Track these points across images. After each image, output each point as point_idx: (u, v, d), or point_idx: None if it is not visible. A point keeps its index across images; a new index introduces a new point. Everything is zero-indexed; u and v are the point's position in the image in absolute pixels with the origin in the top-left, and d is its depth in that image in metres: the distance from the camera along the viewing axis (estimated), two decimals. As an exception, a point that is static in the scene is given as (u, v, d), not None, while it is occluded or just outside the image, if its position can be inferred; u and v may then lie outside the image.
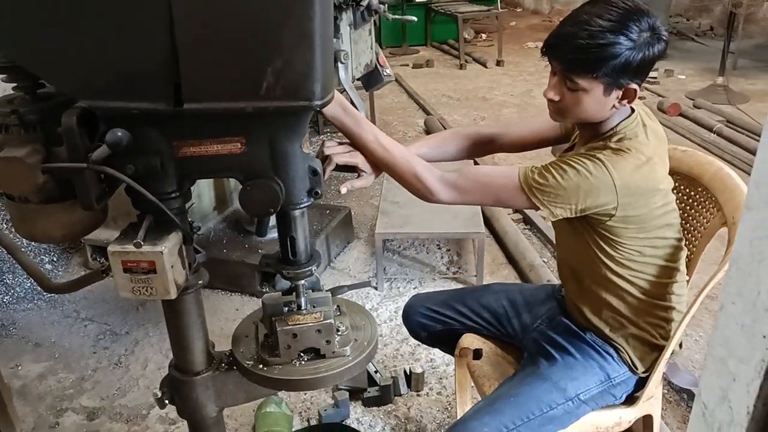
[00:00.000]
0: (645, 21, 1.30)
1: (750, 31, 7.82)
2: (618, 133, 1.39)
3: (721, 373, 0.52)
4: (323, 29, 1.15)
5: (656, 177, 1.40)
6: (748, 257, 0.49)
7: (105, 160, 1.20)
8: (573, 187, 1.33)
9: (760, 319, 0.48)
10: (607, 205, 1.34)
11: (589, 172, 1.32)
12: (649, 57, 1.31)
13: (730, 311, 0.51)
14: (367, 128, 1.41)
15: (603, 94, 1.34)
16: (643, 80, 1.37)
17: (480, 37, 9.14)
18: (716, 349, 0.53)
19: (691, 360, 2.48)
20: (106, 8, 1.11)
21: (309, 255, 1.44)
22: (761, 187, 0.46)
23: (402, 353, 2.60)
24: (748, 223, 0.48)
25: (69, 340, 2.73)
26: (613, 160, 1.34)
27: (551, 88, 1.40)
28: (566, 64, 1.34)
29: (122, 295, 1.29)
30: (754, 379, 0.49)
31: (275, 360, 1.44)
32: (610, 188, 1.32)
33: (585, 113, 1.38)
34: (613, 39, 1.28)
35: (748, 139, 4.64)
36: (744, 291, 0.49)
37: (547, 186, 1.35)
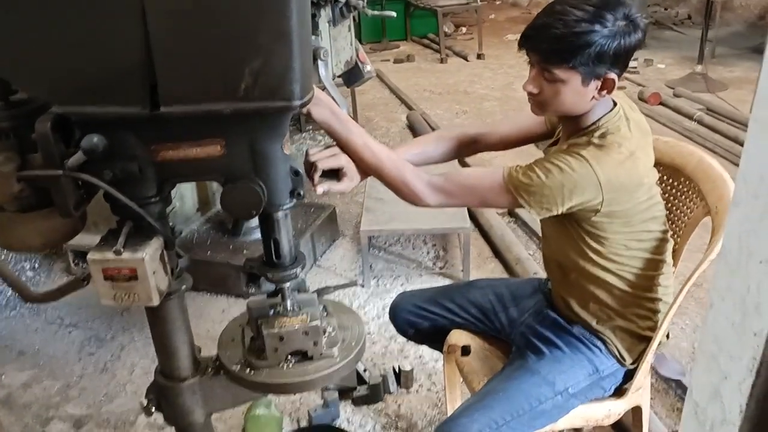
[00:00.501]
0: (620, 11, 1.30)
1: (727, 19, 7.88)
2: (600, 128, 1.39)
3: (712, 371, 0.52)
4: (301, 28, 1.14)
5: (640, 171, 1.40)
6: (736, 252, 0.48)
7: (81, 166, 1.18)
8: (557, 185, 1.33)
9: (750, 315, 0.48)
10: (593, 201, 1.34)
11: (573, 170, 1.32)
12: (625, 45, 1.31)
13: (720, 308, 0.50)
14: (356, 132, 1.40)
15: (581, 84, 1.33)
16: (623, 70, 1.36)
17: (460, 31, 9.13)
18: (707, 345, 0.52)
19: (678, 348, 2.50)
20: (78, 10, 1.09)
21: (293, 257, 1.42)
22: (748, 182, 0.46)
23: (391, 350, 2.59)
24: (735, 218, 0.48)
25: (53, 347, 2.70)
26: (597, 156, 1.33)
27: (530, 81, 1.39)
28: (542, 54, 1.34)
29: (104, 303, 1.27)
30: (746, 377, 0.48)
31: (262, 363, 1.43)
32: (594, 184, 1.32)
33: (565, 105, 1.38)
34: (587, 28, 1.28)
35: (729, 126, 4.68)
36: (733, 287, 0.49)
37: (532, 186, 1.35)
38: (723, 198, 1.42)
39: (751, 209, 0.45)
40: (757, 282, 0.46)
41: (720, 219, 1.40)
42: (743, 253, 0.47)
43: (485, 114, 5.53)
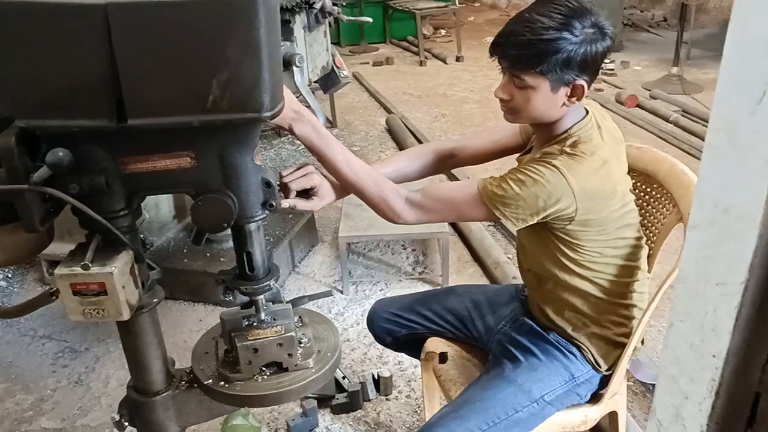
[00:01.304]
0: (588, 19, 1.31)
1: (702, 21, 7.98)
2: (572, 136, 1.40)
3: (673, 392, 0.52)
4: (269, 39, 1.13)
5: (613, 179, 1.40)
6: (694, 277, 0.48)
7: (48, 180, 1.16)
8: (531, 196, 1.33)
9: (708, 339, 0.48)
10: (567, 210, 1.34)
11: (546, 180, 1.32)
12: (593, 53, 1.32)
13: (680, 330, 0.50)
14: (337, 150, 1.41)
15: (550, 91, 1.34)
16: (592, 77, 1.37)
17: (439, 33, 9.15)
18: (668, 367, 0.52)
19: (654, 350, 2.51)
20: (39, 22, 1.07)
21: (267, 269, 1.41)
22: (704, 208, 0.46)
23: (369, 357, 2.59)
24: (693, 242, 0.48)
25: (26, 359, 2.65)
26: (569, 165, 1.34)
27: (501, 88, 1.40)
28: (511, 60, 1.35)
29: (73, 319, 1.25)
30: (706, 398, 0.48)
31: (237, 376, 1.42)
32: (567, 194, 1.32)
33: (536, 111, 1.38)
34: (555, 35, 1.29)
35: (704, 128, 4.73)
36: (691, 311, 0.49)
37: (505, 197, 1.35)
38: (694, 204, 1.43)
39: (707, 235, 0.45)
40: (715, 306, 0.46)
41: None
42: (701, 277, 0.47)
43: (465, 117, 5.54)
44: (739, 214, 0.44)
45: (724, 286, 0.45)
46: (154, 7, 1.09)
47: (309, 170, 1.47)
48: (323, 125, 1.45)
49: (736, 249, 0.44)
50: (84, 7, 1.06)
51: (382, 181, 1.45)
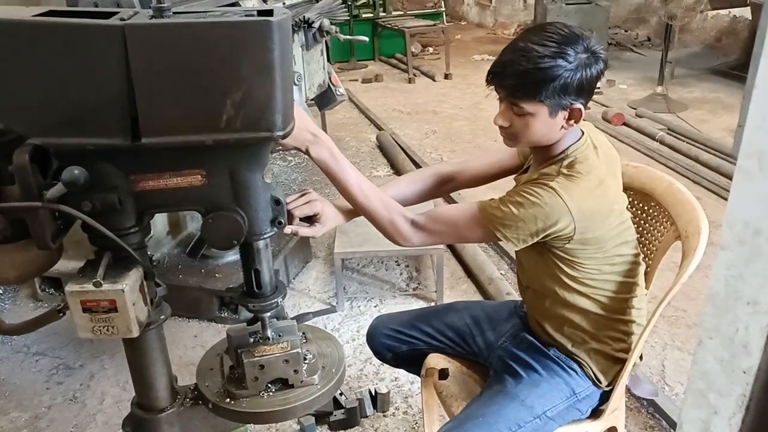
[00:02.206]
0: (581, 44, 1.35)
1: (685, 41, 8.13)
2: (569, 156, 1.43)
3: (701, 406, 0.54)
4: (282, 60, 1.15)
5: (610, 198, 1.44)
6: (723, 295, 0.50)
7: (60, 197, 1.17)
8: (530, 217, 1.37)
9: (738, 355, 0.50)
10: (565, 230, 1.37)
11: (544, 202, 1.36)
12: (588, 76, 1.36)
13: (708, 346, 0.53)
14: (351, 173, 1.45)
15: (549, 116, 1.38)
16: (588, 99, 1.41)
17: (427, 51, 9.25)
18: (696, 382, 0.54)
19: (648, 365, 2.55)
20: (57, 42, 1.09)
21: (274, 287, 1.42)
22: (734, 228, 0.48)
23: (366, 373, 2.59)
24: (722, 262, 0.50)
25: (20, 376, 2.62)
26: (566, 186, 1.37)
27: (499, 115, 1.44)
28: (509, 89, 1.39)
29: (82, 336, 1.26)
30: (736, 413, 0.51)
31: (242, 393, 1.42)
32: (565, 214, 1.35)
33: (535, 136, 1.42)
34: (551, 63, 1.33)
35: (689, 146, 4.81)
36: (721, 327, 0.51)
37: (505, 219, 1.39)
38: (692, 222, 1.47)
39: (737, 255, 0.48)
40: (746, 323, 0.49)
41: (690, 243, 1.44)
42: (730, 296, 0.49)
43: (455, 134, 5.59)
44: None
45: (756, 305, 0.48)
46: (171, 28, 1.11)
47: (312, 197, 1.52)
48: None
49: (767, 269, 0.46)
50: (102, 27, 1.08)
51: (391, 205, 1.49)
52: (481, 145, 5.27)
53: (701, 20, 8.00)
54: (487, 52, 8.92)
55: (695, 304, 2.93)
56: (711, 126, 5.49)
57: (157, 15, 1.13)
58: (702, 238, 1.42)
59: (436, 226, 1.48)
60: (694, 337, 2.72)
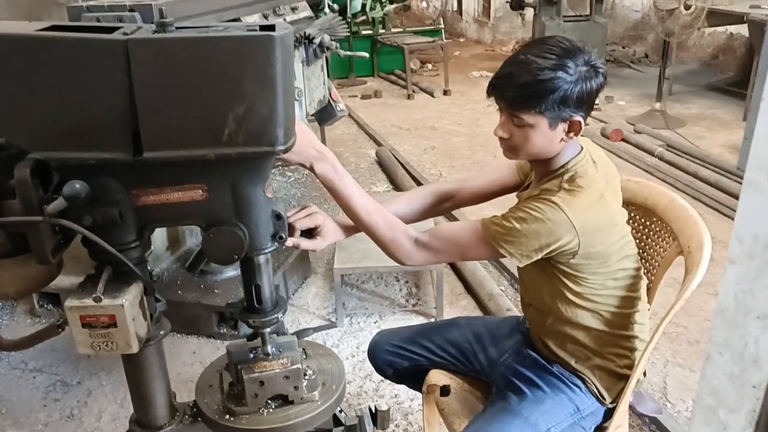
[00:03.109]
0: (581, 57, 1.36)
1: (682, 58, 8.19)
2: (569, 170, 1.43)
3: (710, 422, 0.53)
4: (284, 75, 1.15)
5: (610, 212, 1.44)
6: (733, 309, 0.50)
7: (61, 211, 1.16)
8: (533, 233, 1.36)
9: (748, 369, 0.49)
10: (569, 245, 1.37)
11: (547, 218, 1.35)
12: (588, 89, 1.37)
13: (718, 362, 0.52)
14: (354, 190, 1.44)
15: (549, 128, 1.38)
16: (588, 113, 1.41)
17: (426, 67, 9.30)
18: (704, 398, 0.54)
19: (650, 382, 2.53)
20: (59, 56, 1.09)
21: (274, 302, 1.41)
22: (743, 242, 0.48)
23: (366, 390, 2.57)
24: (731, 276, 0.50)
25: (17, 393, 2.60)
26: (568, 201, 1.37)
27: (500, 127, 1.44)
28: (509, 101, 1.39)
29: (81, 352, 1.24)
30: (746, 428, 0.50)
31: (242, 409, 1.41)
32: (568, 228, 1.35)
33: (535, 148, 1.42)
34: (551, 75, 1.33)
35: (688, 162, 4.83)
36: (731, 342, 0.50)
37: (508, 235, 1.38)
38: (695, 237, 1.46)
39: (747, 269, 0.47)
40: (756, 337, 0.48)
41: (693, 258, 1.43)
42: (740, 310, 0.49)
43: (454, 149, 5.61)
44: (780, 249, 0.45)
45: (766, 319, 0.47)
46: (173, 43, 1.11)
47: (312, 210, 1.52)
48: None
49: (778, 282, 0.46)
50: (105, 41, 1.08)
51: (394, 223, 1.48)
52: (480, 161, 5.28)
53: (698, 37, 8.06)
54: (486, 69, 8.97)
55: (696, 320, 2.92)
56: (709, 142, 5.51)
57: (159, 30, 1.13)
58: (705, 254, 1.41)
59: (438, 244, 1.47)
60: (695, 354, 2.70)
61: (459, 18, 12.48)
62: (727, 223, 3.90)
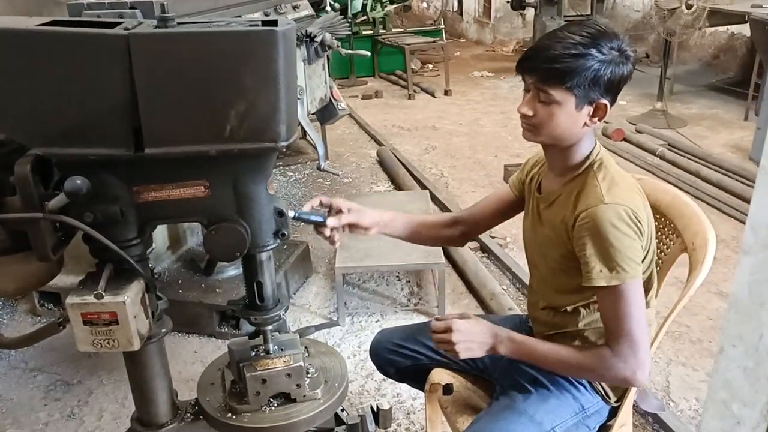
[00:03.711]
0: (615, 42, 1.36)
1: (683, 58, 8.17)
2: (596, 160, 1.43)
3: (723, 417, 0.52)
4: (287, 70, 1.15)
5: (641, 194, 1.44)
6: (747, 301, 0.49)
7: (62, 208, 1.15)
8: (619, 239, 1.33)
9: (763, 362, 0.48)
10: (644, 223, 1.37)
11: (610, 218, 1.33)
12: (618, 75, 1.36)
13: (731, 354, 0.51)
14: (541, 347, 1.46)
15: (575, 108, 1.36)
16: (614, 99, 1.40)
17: (426, 68, 9.29)
18: (717, 392, 0.53)
19: (653, 382, 2.52)
20: (61, 52, 1.08)
21: (276, 299, 1.40)
22: (758, 232, 0.47)
23: (368, 389, 2.56)
24: (745, 267, 0.49)
25: (17, 392, 2.59)
26: (612, 191, 1.36)
27: (525, 104, 1.41)
28: (540, 74, 1.37)
29: (81, 349, 1.24)
30: (760, 422, 0.49)
31: (244, 407, 1.40)
32: (633, 213, 1.34)
33: (558, 129, 1.39)
34: (584, 51, 1.32)
35: (689, 161, 4.81)
36: (745, 335, 0.50)
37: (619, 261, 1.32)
38: (699, 234, 1.45)
39: (762, 259, 0.46)
40: (771, 329, 0.47)
41: (697, 255, 1.42)
42: (754, 301, 0.48)
43: (454, 149, 5.59)
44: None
45: (781, 310, 0.46)
46: (175, 38, 1.10)
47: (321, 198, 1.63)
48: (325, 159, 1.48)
49: (793, 273, 0.45)
50: (106, 37, 1.08)
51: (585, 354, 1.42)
52: (481, 160, 5.27)
53: (699, 37, 8.05)
54: (486, 69, 8.96)
55: (699, 319, 2.91)
56: (710, 141, 5.50)
57: (161, 25, 1.12)
58: (709, 251, 1.40)
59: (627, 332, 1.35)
60: (698, 353, 2.69)
61: (459, 18, 12.47)
62: (729, 222, 3.89)
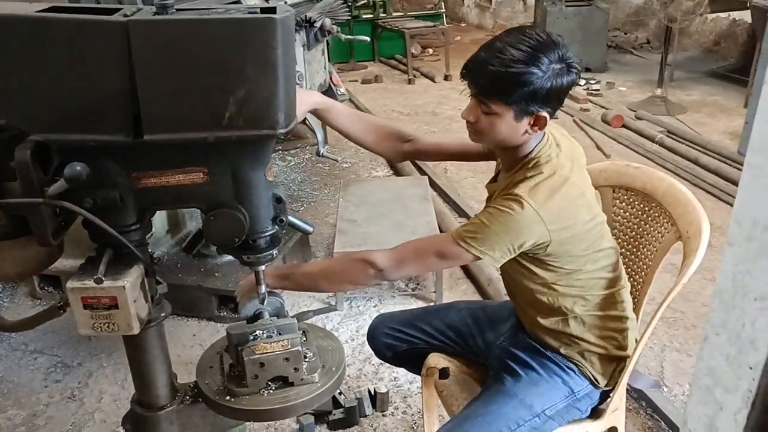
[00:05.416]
0: (556, 53, 1.35)
1: (684, 44, 8.14)
2: (533, 158, 1.44)
3: (707, 402, 0.54)
4: (285, 57, 1.15)
5: (577, 194, 1.43)
6: (731, 291, 0.50)
7: (61, 194, 1.17)
8: (501, 228, 1.36)
9: (745, 350, 0.50)
10: (541, 237, 1.37)
11: (513, 210, 1.35)
12: (558, 86, 1.36)
13: (715, 342, 0.53)
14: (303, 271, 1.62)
15: (514, 119, 1.38)
16: (556, 108, 1.41)
17: (427, 52, 9.24)
18: (701, 378, 0.54)
19: (647, 367, 2.55)
20: (60, 39, 1.09)
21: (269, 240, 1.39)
22: (742, 225, 0.48)
23: (365, 373, 2.59)
24: (730, 258, 0.50)
25: (18, 374, 2.62)
26: (531, 192, 1.37)
27: (468, 110, 1.44)
28: (480, 88, 1.39)
29: (82, 333, 1.26)
30: (742, 408, 0.51)
31: (242, 390, 1.42)
32: (536, 221, 1.35)
33: (499, 136, 1.42)
34: (523, 69, 1.32)
35: (688, 148, 4.82)
36: (728, 323, 0.51)
37: (478, 233, 1.38)
38: (694, 223, 1.47)
39: (745, 251, 0.48)
40: (753, 319, 0.49)
41: (692, 244, 1.44)
42: (738, 291, 0.49)
43: (454, 135, 5.59)
44: (779, 231, 0.45)
45: (763, 301, 0.48)
46: (174, 24, 1.11)
47: None
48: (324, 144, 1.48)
49: (775, 264, 0.46)
50: (105, 23, 1.08)
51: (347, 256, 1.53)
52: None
53: (700, 23, 8.02)
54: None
55: (693, 305, 2.93)
56: (710, 129, 5.50)
57: (160, 11, 1.13)
58: (703, 239, 1.42)
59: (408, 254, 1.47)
60: (692, 339, 2.72)
61: (460, 3, 12.39)
62: (726, 209, 3.90)
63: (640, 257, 1.68)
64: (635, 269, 1.69)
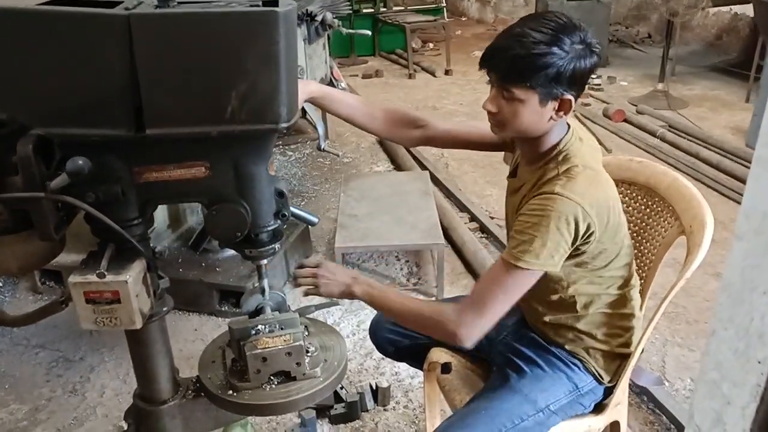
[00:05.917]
0: (577, 35, 1.33)
1: (686, 38, 8.11)
2: (562, 151, 1.41)
3: (714, 396, 0.53)
4: (288, 51, 1.15)
5: (607, 185, 1.43)
6: (739, 285, 0.50)
7: (63, 188, 1.16)
8: (553, 231, 1.32)
9: (753, 344, 0.50)
10: (590, 228, 1.35)
11: (554, 209, 1.32)
12: (581, 68, 1.34)
13: (722, 336, 0.52)
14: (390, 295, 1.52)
15: (539, 104, 1.35)
16: (579, 92, 1.38)
17: (427, 47, 9.22)
18: (708, 373, 0.54)
19: (648, 362, 2.55)
20: (62, 32, 1.08)
21: (271, 234, 1.39)
22: (751, 219, 0.48)
23: (367, 368, 2.59)
24: (738, 252, 0.50)
25: (20, 369, 2.62)
26: (569, 186, 1.34)
27: (489, 100, 1.41)
28: (502, 74, 1.36)
29: (84, 327, 1.25)
30: (750, 402, 0.50)
31: (245, 385, 1.42)
32: (579, 211, 1.32)
33: (523, 124, 1.39)
34: (546, 50, 1.31)
35: (690, 143, 4.81)
36: (736, 318, 0.51)
37: (532, 249, 1.33)
38: (697, 217, 1.46)
39: (754, 245, 0.48)
40: (762, 313, 0.48)
41: (695, 238, 1.43)
42: (746, 285, 0.49)
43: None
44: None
45: (772, 294, 0.47)
46: (176, 18, 1.10)
47: None
48: (325, 138, 1.47)
49: (784, 258, 0.46)
50: (107, 16, 1.08)
51: (439, 311, 1.45)
52: (482, 140, 5.27)
53: (702, 17, 7.99)
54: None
55: (695, 301, 2.93)
56: (711, 123, 5.49)
57: (162, 5, 1.12)
58: (707, 233, 1.41)
59: (479, 299, 1.39)
60: (694, 334, 2.72)
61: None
62: (728, 204, 3.90)
63: (643, 252, 1.68)
64: (638, 264, 1.69)
